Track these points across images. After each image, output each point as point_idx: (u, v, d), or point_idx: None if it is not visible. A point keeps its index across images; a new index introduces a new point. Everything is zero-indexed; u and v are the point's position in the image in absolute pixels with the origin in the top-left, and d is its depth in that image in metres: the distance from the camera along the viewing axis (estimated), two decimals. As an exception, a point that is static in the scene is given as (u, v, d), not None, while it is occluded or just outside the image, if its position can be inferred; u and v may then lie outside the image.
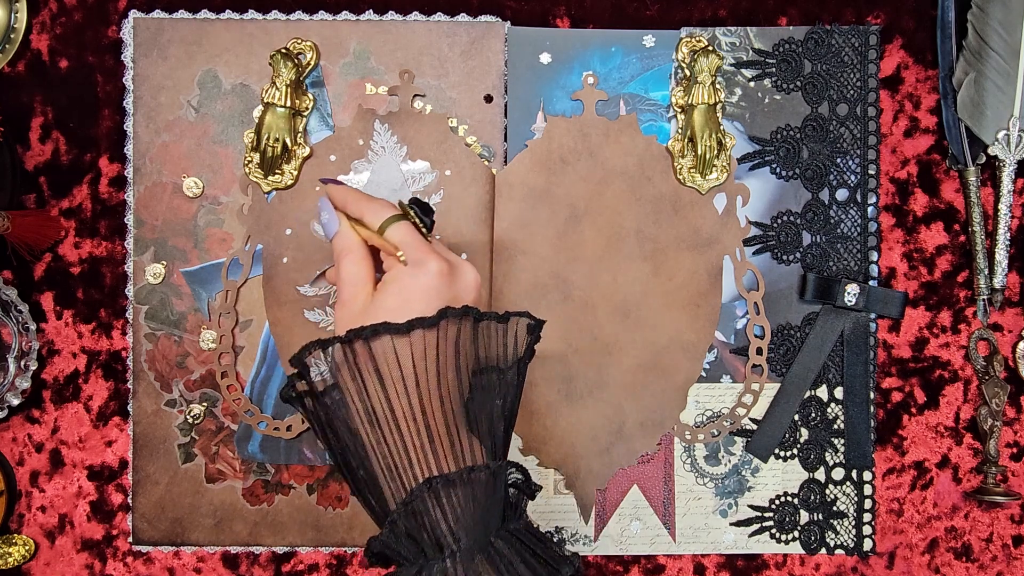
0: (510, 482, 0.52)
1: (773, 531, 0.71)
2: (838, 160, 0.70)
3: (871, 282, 0.70)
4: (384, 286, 0.53)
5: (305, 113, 0.69)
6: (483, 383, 0.53)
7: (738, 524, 0.71)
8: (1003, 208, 0.70)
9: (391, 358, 0.49)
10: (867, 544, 0.71)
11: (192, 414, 0.69)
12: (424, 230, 0.55)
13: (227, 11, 0.69)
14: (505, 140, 0.70)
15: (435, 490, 0.48)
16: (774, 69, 0.70)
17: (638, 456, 0.70)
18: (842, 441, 0.71)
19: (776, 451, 0.71)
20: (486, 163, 0.69)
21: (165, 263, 0.69)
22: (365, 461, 0.50)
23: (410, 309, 0.51)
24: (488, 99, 0.70)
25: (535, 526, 0.52)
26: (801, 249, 0.70)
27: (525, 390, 0.69)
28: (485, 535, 0.48)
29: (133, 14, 0.69)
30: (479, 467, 0.50)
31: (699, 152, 0.68)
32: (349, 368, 0.50)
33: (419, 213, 0.55)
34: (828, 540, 0.71)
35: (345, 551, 0.70)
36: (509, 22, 0.69)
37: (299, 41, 0.69)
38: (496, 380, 0.53)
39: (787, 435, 0.71)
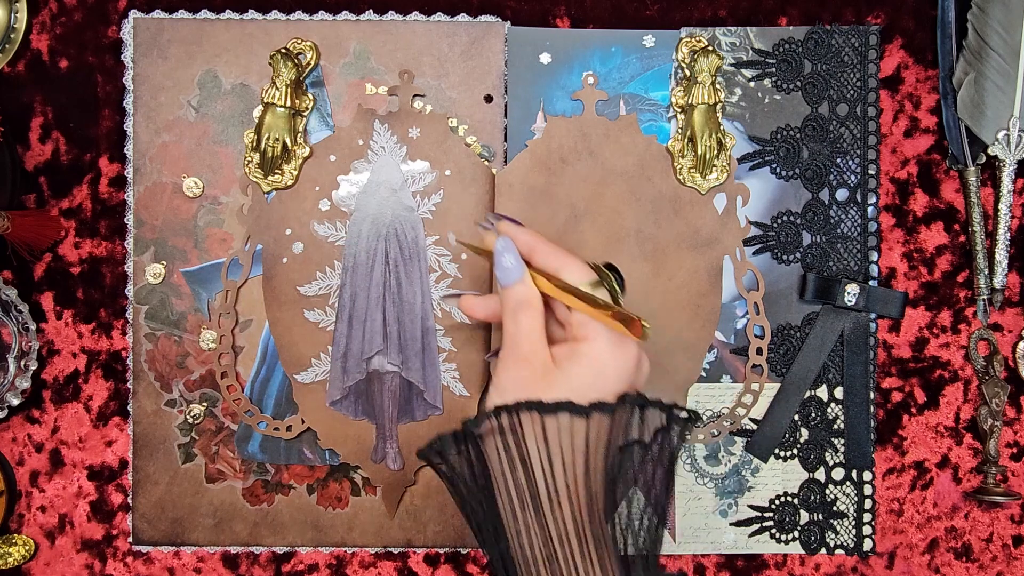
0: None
1: (773, 531, 0.71)
2: (838, 160, 0.70)
3: (871, 282, 0.70)
4: (577, 356, 0.49)
5: (305, 113, 0.69)
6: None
7: (738, 524, 0.71)
8: (1003, 208, 0.70)
9: (565, 437, 0.46)
10: (867, 544, 0.71)
11: (192, 414, 0.69)
12: (619, 299, 0.52)
13: (227, 11, 0.69)
14: (505, 140, 0.70)
15: None
16: (774, 69, 0.70)
17: (638, 456, 0.70)
18: (842, 441, 0.71)
19: (776, 451, 0.71)
20: (486, 163, 0.69)
21: (165, 263, 0.69)
22: (508, 537, 0.47)
23: (600, 388, 0.48)
24: (488, 99, 0.70)
25: None
26: (801, 249, 0.70)
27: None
28: None
29: (133, 14, 0.69)
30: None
31: (699, 152, 0.68)
32: (515, 436, 0.47)
33: (617, 280, 0.51)
34: (828, 540, 0.71)
35: (345, 551, 0.70)
36: (509, 22, 0.69)
37: (299, 41, 0.69)
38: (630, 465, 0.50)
39: (787, 435, 0.71)
